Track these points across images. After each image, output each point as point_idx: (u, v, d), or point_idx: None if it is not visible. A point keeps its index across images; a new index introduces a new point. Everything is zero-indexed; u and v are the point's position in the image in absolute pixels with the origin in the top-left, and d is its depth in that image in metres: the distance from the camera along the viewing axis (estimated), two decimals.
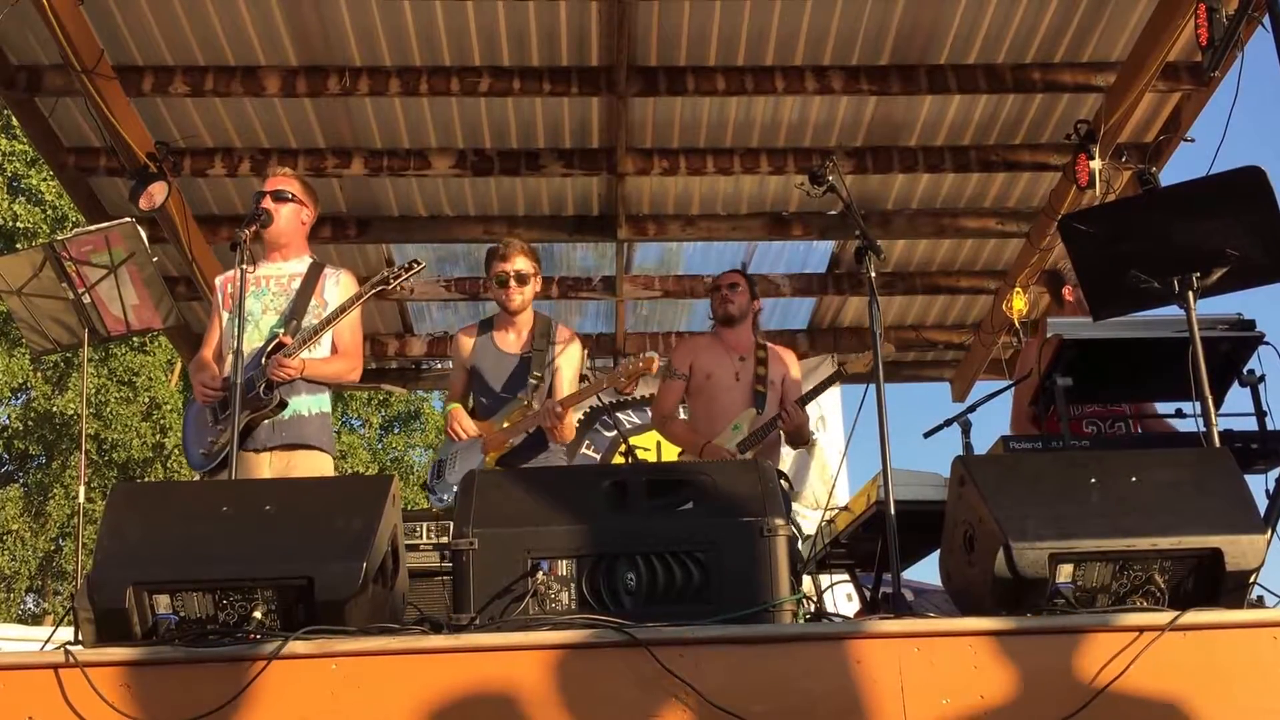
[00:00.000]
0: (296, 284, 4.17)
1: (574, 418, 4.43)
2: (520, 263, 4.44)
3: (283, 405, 3.96)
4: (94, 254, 4.62)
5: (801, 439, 5.04)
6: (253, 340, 4.05)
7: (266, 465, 3.97)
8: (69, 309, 4.71)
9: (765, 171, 6.48)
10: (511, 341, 4.49)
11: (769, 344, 5.21)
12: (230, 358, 3.73)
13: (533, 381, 4.36)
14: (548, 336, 4.47)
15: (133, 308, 4.70)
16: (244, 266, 3.80)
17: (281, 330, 4.04)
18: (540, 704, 2.36)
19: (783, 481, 4.82)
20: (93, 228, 4.84)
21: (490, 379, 4.45)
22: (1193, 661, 2.40)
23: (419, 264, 4.11)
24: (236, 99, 5.91)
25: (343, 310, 4.01)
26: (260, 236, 4.12)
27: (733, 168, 6.44)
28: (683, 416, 5.31)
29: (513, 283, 4.43)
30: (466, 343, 4.57)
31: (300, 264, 4.25)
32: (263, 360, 3.96)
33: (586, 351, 7.70)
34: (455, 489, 4.01)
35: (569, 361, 4.48)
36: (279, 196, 4.18)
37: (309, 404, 4.08)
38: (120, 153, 5.74)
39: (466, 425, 4.35)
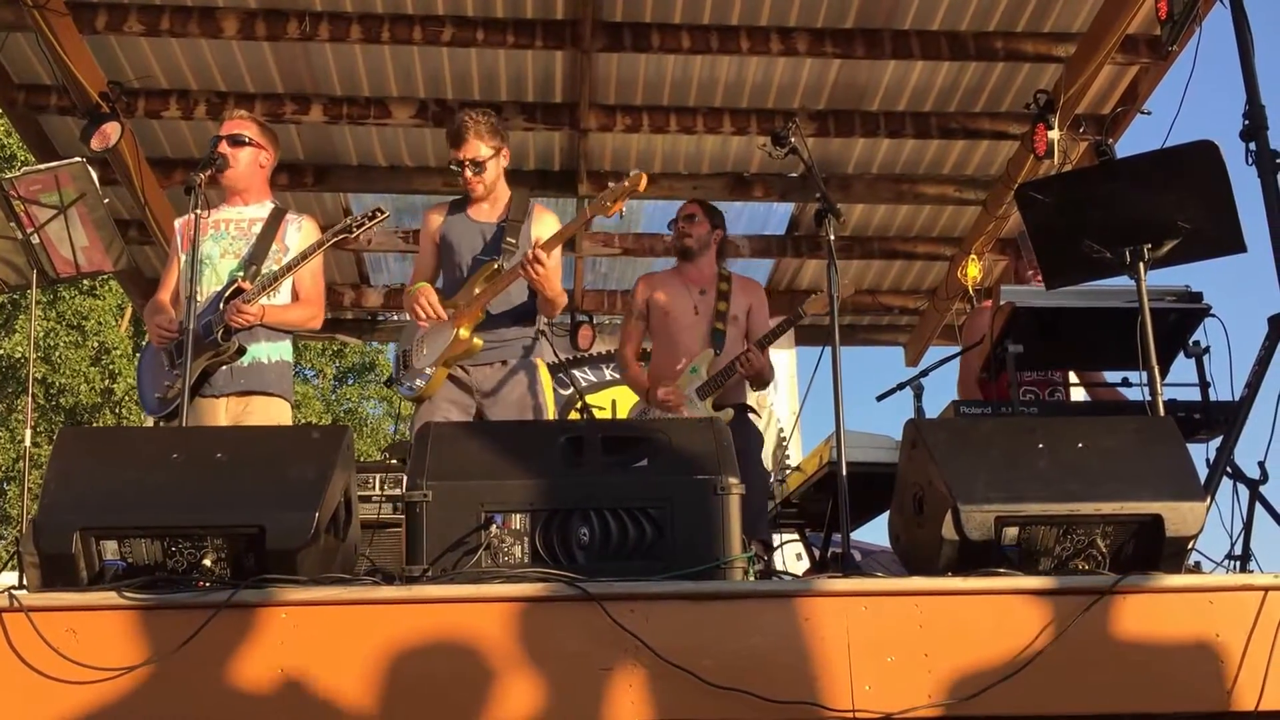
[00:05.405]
0: (257, 228, 4.12)
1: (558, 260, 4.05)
2: (477, 149, 4.05)
3: (241, 352, 3.92)
4: (43, 194, 4.50)
5: (763, 382, 4.78)
6: (210, 285, 3.99)
7: (223, 410, 3.95)
8: (17, 249, 4.60)
9: (728, 131, 6.45)
10: (485, 211, 4.18)
11: (735, 275, 4.92)
12: (185, 302, 3.67)
13: (507, 247, 4.03)
14: (524, 208, 4.16)
15: (82, 250, 4.59)
16: (198, 212, 3.74)
17: (240, 275, 3.99)
18: (492, 656, 2.37)
19: (751, 415, 4.73)
20: (42, 166, 4.71)
21: (460, 249, 4.12)
22: (1131, 624, 2.46)
23: (382, 213, 3.97)
24: (193, 40, 5.79)
25: (304, 257, 3.96)
26: (218, 182, 4.06)
27: (695, 127, 6.41)
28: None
29: (469, 172, 4.07)
30: (436, 217, 4.23)
31: (261, 209, 4.19)
32: (220, 305, 3.92)
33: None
34: (428, 371, 3.98)
35: (547, 230, 4.10)
36: (236, 140, 4.12)
37: (268, 351, 4.05)
38: (72, 91, 5.60)
39: (435, 304, 3.97)
